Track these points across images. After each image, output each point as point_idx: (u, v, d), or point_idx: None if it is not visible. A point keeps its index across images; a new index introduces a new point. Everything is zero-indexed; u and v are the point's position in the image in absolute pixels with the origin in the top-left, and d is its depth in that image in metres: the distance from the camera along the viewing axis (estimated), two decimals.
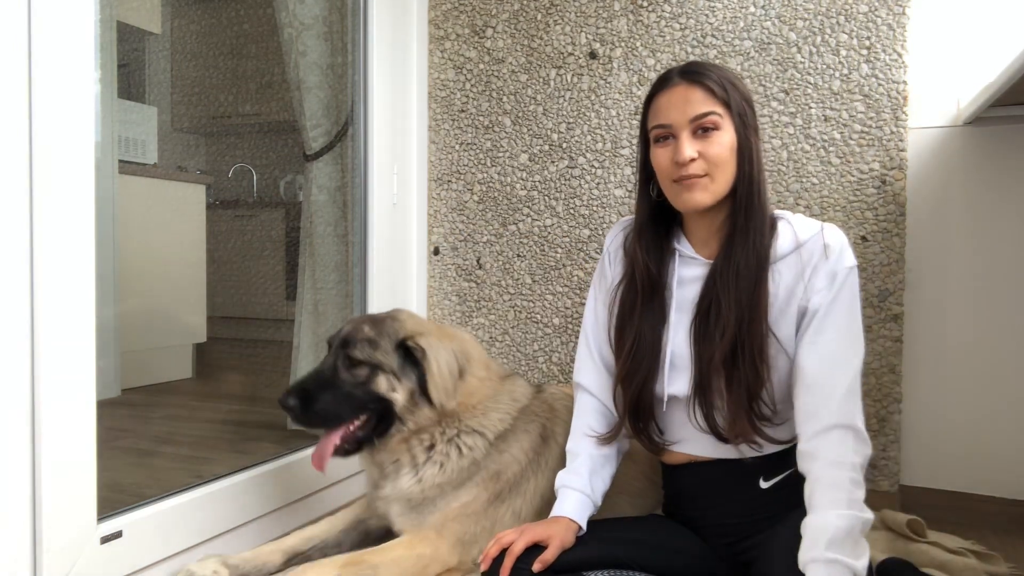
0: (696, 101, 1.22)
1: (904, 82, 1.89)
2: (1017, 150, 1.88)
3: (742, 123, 1.24)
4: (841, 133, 1.94)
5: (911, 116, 1.90)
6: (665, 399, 1.30)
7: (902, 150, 1.89)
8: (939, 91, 1.93)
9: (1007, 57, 1.62)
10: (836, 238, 1.24)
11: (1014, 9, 1.87)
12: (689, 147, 1.21)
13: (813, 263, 1.22)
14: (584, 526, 1.29)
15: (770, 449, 1.26)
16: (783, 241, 1.25)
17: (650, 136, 1.29)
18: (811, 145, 1.96)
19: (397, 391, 1.51)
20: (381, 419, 1.53)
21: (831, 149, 1.95)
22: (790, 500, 1.23)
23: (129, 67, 5.11)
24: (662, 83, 1.27)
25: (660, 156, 1.26)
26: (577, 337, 2.21)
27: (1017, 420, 1.89)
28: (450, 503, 1.50)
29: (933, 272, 1.94)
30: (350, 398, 1.50)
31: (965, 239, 1.92)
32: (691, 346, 1.27)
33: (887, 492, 1.91)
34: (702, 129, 1.22)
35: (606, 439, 1.37)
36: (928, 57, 1.92)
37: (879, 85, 1.90)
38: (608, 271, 1.42)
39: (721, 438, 1.26)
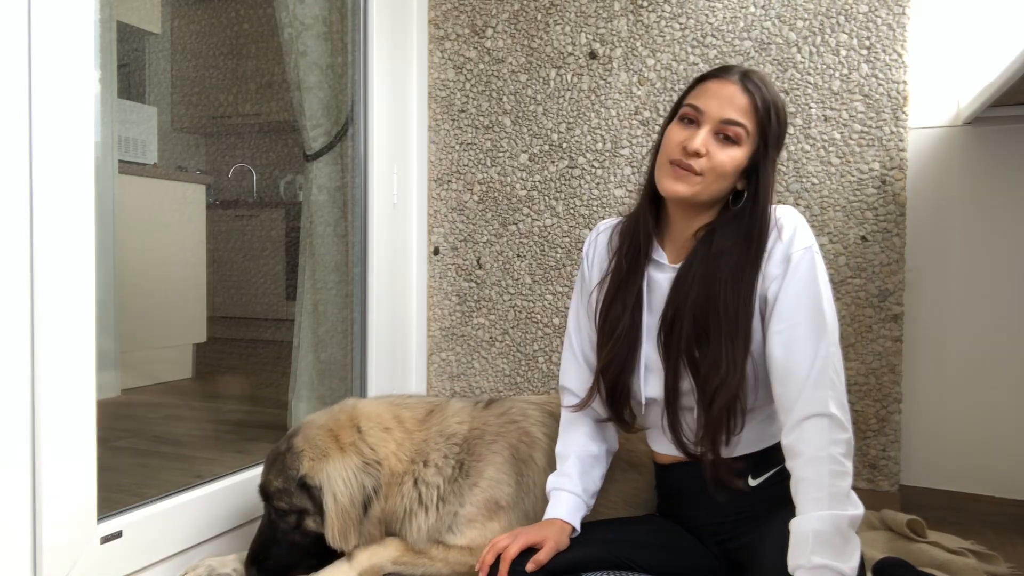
0: (738, 107, 1.19)
1: (904, 82, 1.89)
2: (1017, 150, 1.88)
3: (764, 154, 1.21)
4: (841, 133, 1.94)
5: (911, 116, 1.90)
6: (644, 401, 1.30)
7: (902, 150, 1.89)
8: (939, 91, 1.93)
9: (1007, 57, 1.62)
10: (789, 219, 1.21)
11: (1014, 9, 1.87)
12: (702, 141, 1.19)
13: (768, 248, 1.20)
14: (578, 527, 1.29)
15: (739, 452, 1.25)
16: None
17: (680, 111, 1.26)
18: (811, 145, 1.96)
19: (324, 527, 1.44)
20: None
21: (831, 149, 1.95)
22: (778, 498, 1.22)
23: (129, 67, 5.11)
24: (722, 71, 1.24)
25: (675, 132, 1.23)
26: None
27: (1017, 420, 1.89)
28: (461, 540, 1.48)
29: (933, 272, 1.94)
30: (295, 545, 1.47)
31: (965, 239, 1.92)
32: (659, 348, 1.27)
33: (887, 492, 1.91)
34: (724, 135, 1.20)
35: (576, 407, 1.37)
36: (928, 57, 1.92)
37: (879, 85, 1.90)
38: (587, 274, 1.41)
39: (686, 453, 1.25)
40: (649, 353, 1.29)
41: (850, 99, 1.93)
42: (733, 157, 1.20)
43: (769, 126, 1.20)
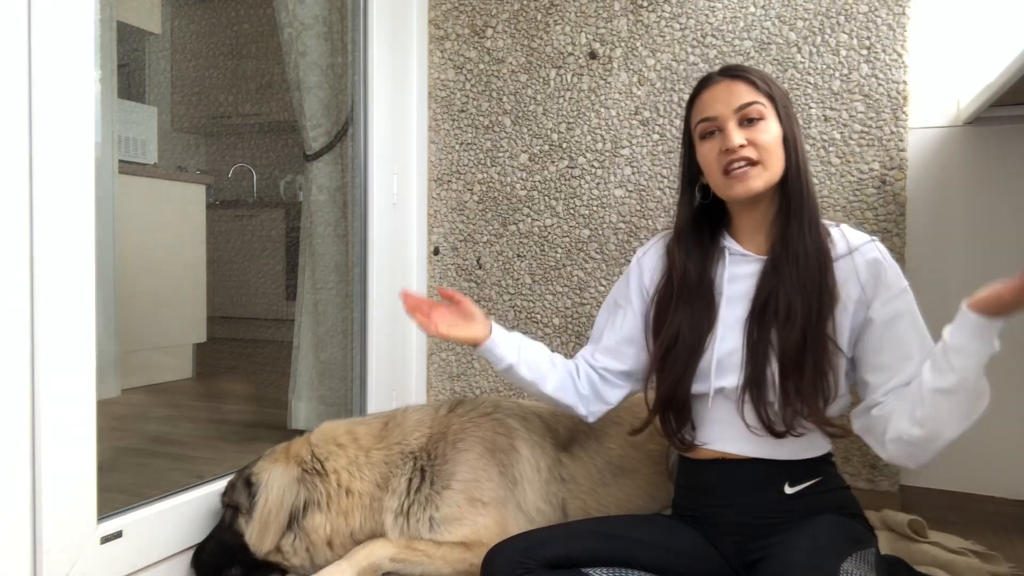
0: (740, 92, 1.25)
1: (904, 82, 1.89)
2: (1017, 150, 1.88)
3: (786, 115, 1.26)
4: (841, 133, 1.94)
5: (911, 116, 1.90)
6: (712, 394, 1.29)
7: (902, 150, 1.89)
8: (939, 91, 1.93)
9: (1007, 57, 1.61)
10: (885, 252, 1.27)
11: (1014, 9, 1.87)
12: (738, 135, 1.23)
13: (873, 272, 1.24)
14: (497, 334, 1.38)
15: (808, 451, 1.27)
16: (837, 244, 1.27)
17: (695, 134, 1.30)
18: (811, 145, 1.96)
19: (249, 523, 1.46)
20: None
21: (831, 149, 1.95)
22: (811, 508, 1.23)
23: (129, 67, 5.12)
24: (704, 82, 1.30)
25: (707, 150, 1.28)
26: (577, 337, 2.21)
27: (1017, 420, 1.89)
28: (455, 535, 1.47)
29: (933, 272, 1.93)
30: (223, 544, 1.48)
31: (965, 239, 1.92)
32: (746, 341, 1.27)
33: (887, 492, 1.91)
34: (748, 120, 1.24)
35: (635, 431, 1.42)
36: (928, 57, 1.92)
37: (879, 85, 1.90)
38: (643, 283, 1.42)
39: (773, 432, 1.25)
40: (726, 347, 1.29)
41: (850, 99, 1.93)
42: (770, 131, 1.24)
43: (774, 92, 1.27)
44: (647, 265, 1.43)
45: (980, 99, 1.76)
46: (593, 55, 2.18)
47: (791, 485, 1.26)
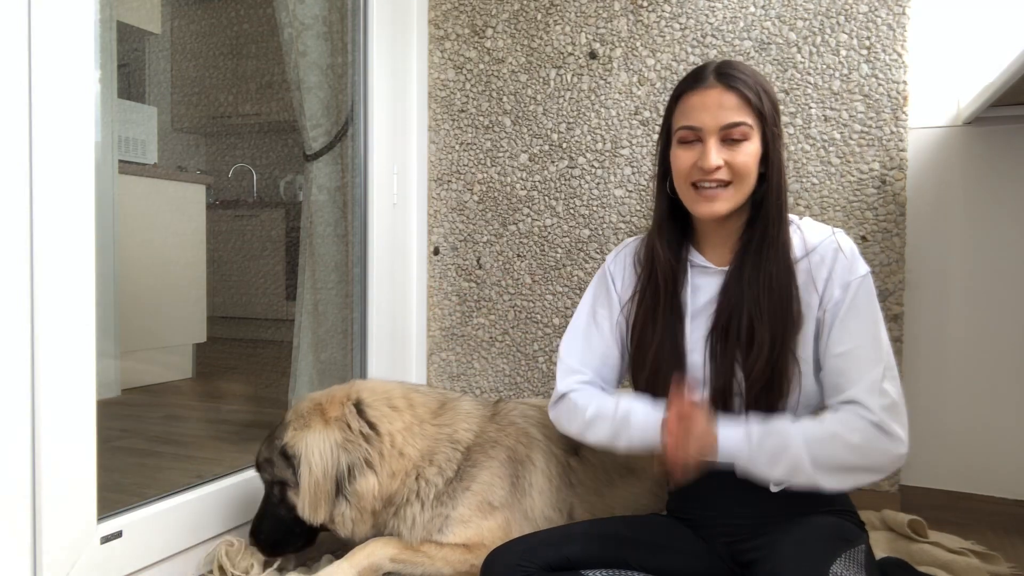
0: (730, 108, 1.19)
1: (904, 82, 1.89)
2: (1017, 150, 1.88)
3: (772, 133, 1.22)
4: (841, 133, 1.94)
5: (911, 116, 1.90)
6: None
7: (902, 150, 1.89)
8: (939, 91, 1.93)
9: (1007, 57, 1.62)
10: (847, 244, 1.24)
11: (1014, 9, 1.87)
12: (716, 155, 1.19)
13: (827, 269, 1.22)
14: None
15: None
16: (795, 249, 1.24)
17: (674, 135, 1.26)
18: (811, 145, 1.96)
19: (298, 498, 1.46)
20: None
21: (831, 149, 1.95)
22: (798, 506, 1.22)
23: (129, 67, 5.11)
24: (695, 80, 1.24)
25: (682, 157, 1.24)
26: None
27: (1017, 420, 1.89)
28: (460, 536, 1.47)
29: (933, 272, 1.94)
30: (279, 520, 1.49)
31: (965, 239, 1.92)
32: (707, 357, 1.26)
33: (887, 492, 1.91)
34: (731, 138, 1.20)
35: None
36: (928, 57, 1.92)
37: (879, 85, 1.90)
38: (615, 293, 1.40)
39: None
40: (694, 360, 1.28)
41: (850, 99, 1.93)
42: (749, 153, 1.21)
43: (764, 107, 1.21)
44: (617, 271, 1.42)
45: (980, 99, 1.77)
46: (593, 55, 2.18)
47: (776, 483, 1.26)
